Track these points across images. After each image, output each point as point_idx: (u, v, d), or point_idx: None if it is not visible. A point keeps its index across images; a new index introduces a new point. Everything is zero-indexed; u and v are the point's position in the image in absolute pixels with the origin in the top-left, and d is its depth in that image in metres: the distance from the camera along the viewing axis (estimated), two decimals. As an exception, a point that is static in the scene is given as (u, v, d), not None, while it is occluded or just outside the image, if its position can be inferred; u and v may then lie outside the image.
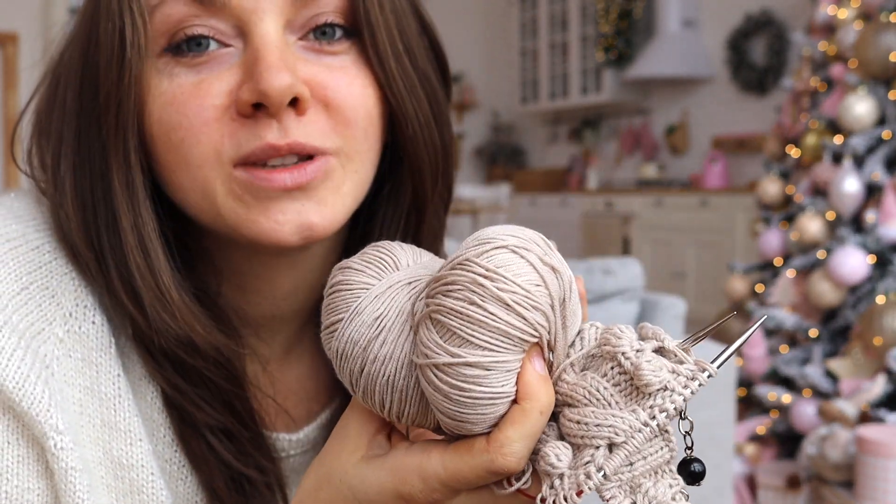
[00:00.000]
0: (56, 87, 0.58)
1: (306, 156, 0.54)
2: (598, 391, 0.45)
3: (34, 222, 0.57)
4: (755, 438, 3.02)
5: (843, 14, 3.18)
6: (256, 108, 0.52)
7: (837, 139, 3.06)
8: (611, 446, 0.44)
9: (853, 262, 2.86)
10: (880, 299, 2.82)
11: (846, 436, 2.62)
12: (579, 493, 0.43)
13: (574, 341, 0.47)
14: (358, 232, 0.63)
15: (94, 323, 0.55)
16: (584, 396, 0.45)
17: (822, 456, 2.65)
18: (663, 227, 6.09)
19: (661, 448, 0.45)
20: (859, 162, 3.02)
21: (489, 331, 0.43)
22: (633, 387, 0.45)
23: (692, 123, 6.70)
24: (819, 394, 2.89)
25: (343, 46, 0.55)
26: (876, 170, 2.96)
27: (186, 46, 0.53)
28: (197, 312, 0.55)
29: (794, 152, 3.32)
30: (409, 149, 0.59)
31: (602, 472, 0.43)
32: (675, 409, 0.44)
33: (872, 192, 3.00)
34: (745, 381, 3.21)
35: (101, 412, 0.54)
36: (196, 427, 0.57)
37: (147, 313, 0.54)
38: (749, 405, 3.21)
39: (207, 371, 0.56)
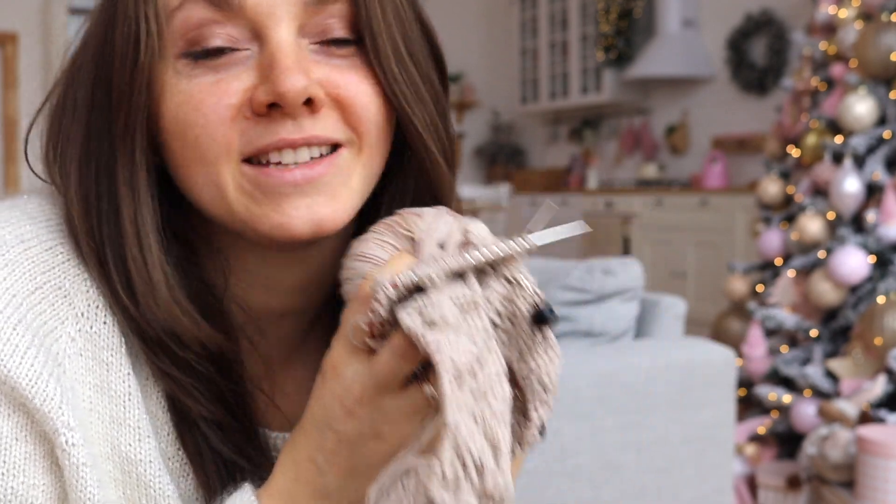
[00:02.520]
0: (69, 86, 0.60)
1: (318, 153, 0.57)
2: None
3: (48, 223, 0.58)
4: (755, 438, 3.02)
5: (844, 14, 3.17)
6: (271, 108, 0.55)
7: (838, 139, 3.06)
8: (424, 264, 0.51)
9: (853, 262, 2.86)
10: (881, 299, 2.82)
11: (847, 436, 2.62)
12: (394, 286, 0.48)
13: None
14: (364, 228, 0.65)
15: (105, 323, 0.56)
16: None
17: (822, 456, 2.65)
18: (663, 227, 6.09)
19: (461, 285, 0.50)
20: (860, 162, 3.01)
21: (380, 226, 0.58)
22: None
23: (692, 123, 6.70)
24: (819, 394, 2.89)
25: (350, 51, 0.58)
26: (876, 170, 2.96)
27: (204, 55, 0.56)
28: (186, 307, 0.57)
29: (794, 152, 3.32)
30: (416, 148, 0.62)
31: (411, 274, 0.49)
32: (488, 255, 0.50)
33: (873, 192, 3.00)
34: (746, 382, 3.21)
35: (111, 409, 0.56)
36: (190, 417, 0.58)
37: (139, 303, 0.56)
38: (749, 405, 3.21)
39: (197, 363, 0.58)
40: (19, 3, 6.01)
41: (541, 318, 0.51)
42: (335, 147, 0.58)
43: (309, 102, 0.55)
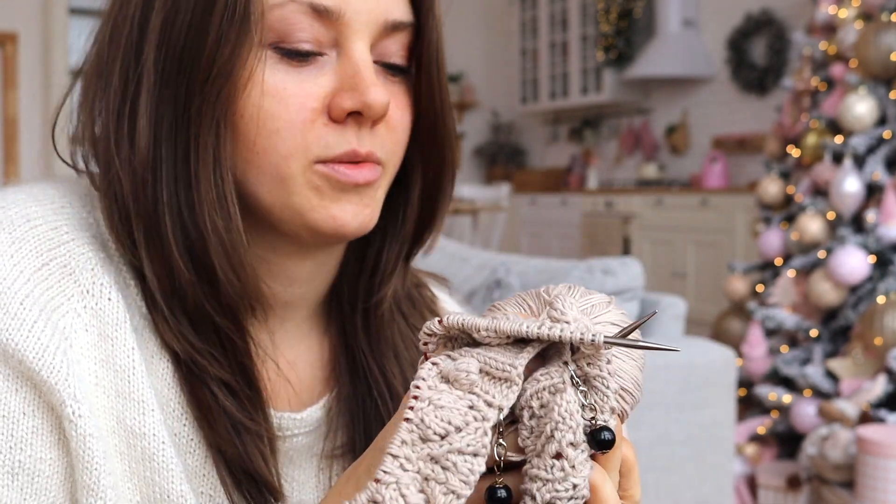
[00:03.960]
0: (119, 56, 0.60)
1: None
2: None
3: (52, 205, 0.60)
4: (755, 438, 3.02)
5: (844, 14, 3.18)
6: (349, 116, 0.59)
7: (838, 139, 3.06)
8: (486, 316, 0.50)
9: (853, 261, 2.86)
10: (881, 299, 2.82)
11: (847, 436, 2.62)
12: (440, 322, 0.49)
13: None
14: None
15: (109, 300, 0.58)
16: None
17: (822, 456, 2.65)
18: (663, 227, 6.09)
19: (506, 356, 0.47)
20: (860, 162, 3.02)
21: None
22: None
23: (692, 123, 6.70)
24: (819, 394, 2.89)
25: (401, 78, 0.64)
26: (876, 170, 2.96)
27: (294, 53, 0.59)
28: (253, 273, 0.60)
29: (794, 152, 3.32)
30: (431, 158, 0.67)
31: (461, 318, 0.48)
32: (546, 334, 0.46)
33: (873, 192, 3.00)
34: (746, 382, 3.21)
35: (116, 383, 0.57)
36: (202, 377, 0.60)
37: (196, 271, 0.58)
38: (749, 405, 3.21)
39: (229, 330, 0.60)
40: (19, 3, 6.01)
41: (598, 442, 0.47)
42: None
43: (375, 119, 0.60)
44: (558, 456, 0.45)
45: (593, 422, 0.47)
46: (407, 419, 0.45)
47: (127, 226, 0.59)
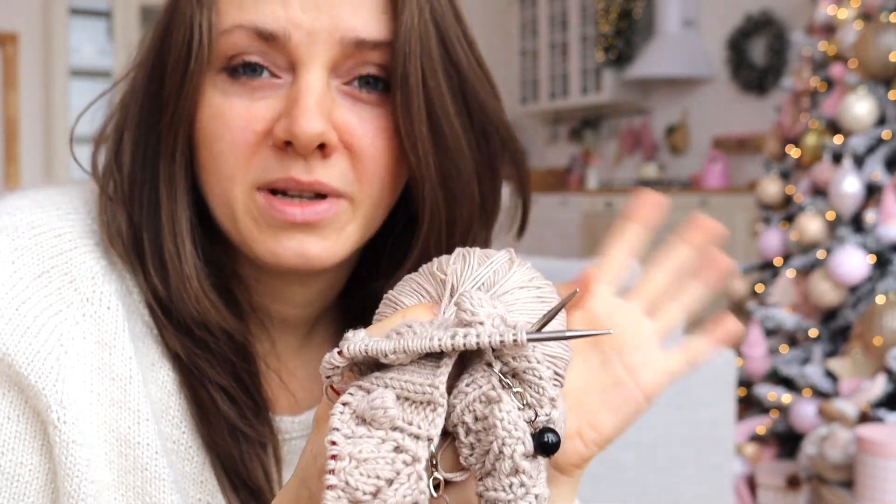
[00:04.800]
0: (134, 74, 0.64)
1: (323, 194, 0.59)
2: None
3: (57, 212, 0.61)
4: (755, 438, 3.02)
5: (843, 14, 3.18)
6: (287, 144, 0.57)
7: (837, 139, 3.06)
8: (390, 336, 0.43)
9: (853, 261, 2.86)
10: (880, 299, 2.82)
11: (846, 436, 2.62)
12: (340, 354, 0.43)
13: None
14: (366, 255, 0.68)
15: (108, 308, 0.59)
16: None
17: (822, 456, 2.65)
18: (663, 227, 6.09)
19: (423, 377, 0.42)
20: (859, 162, 3.02)
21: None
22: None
23: (692, 123, 6.70)
24: (819, 394, 2.89)
25: (379, 98, 0.60)
26: (876, 170, 2.96)
27: (242, 70, 0.58)
28: (213, 299, 0.60)
29: (793, 152, 3.32)
30: (424, 202, 0.62)
31: (364, 346, 0.42)
32: (462, 343, 0.41)
33: (872, 192, 3.00)
34: (745, 381, 3.21)
35: (112, 392, 0.58)
36: (204, 384, 0.61)
37: (170, 289, 0.60)
38: (749, 405, 3.21)
39: (216, 346, 0.61)
40: (19, 3, 6.01)
41: (542, 447, 0.42)
42: (337, 195, 0.60)
43: (322, 147, 0.57)
44: (514, 472, 0.41)
45: (535, 423, 0.42)
46: (330, 486, 0.39)
47: (121, 238, 0.61)
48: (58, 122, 5.80)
